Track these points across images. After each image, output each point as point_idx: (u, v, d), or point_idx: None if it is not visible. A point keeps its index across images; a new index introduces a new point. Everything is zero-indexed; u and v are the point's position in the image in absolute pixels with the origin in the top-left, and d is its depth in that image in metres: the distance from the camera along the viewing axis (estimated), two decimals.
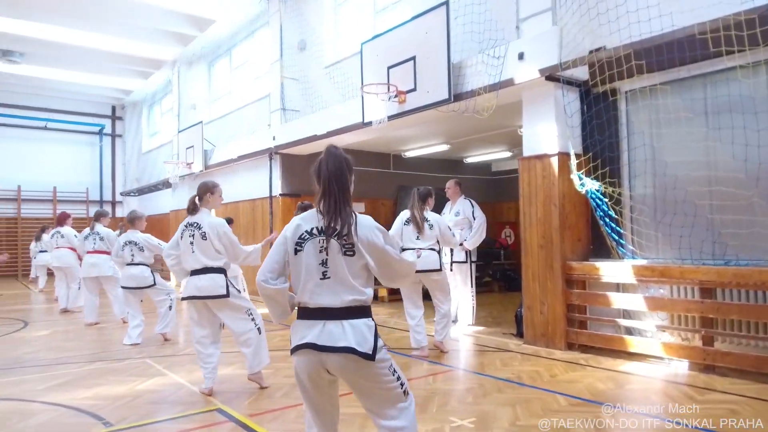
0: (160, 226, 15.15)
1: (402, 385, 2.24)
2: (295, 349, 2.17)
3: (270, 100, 10.49)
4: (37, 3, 11.30)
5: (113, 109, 18.99)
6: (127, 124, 18.84)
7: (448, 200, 7.21)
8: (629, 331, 5.22)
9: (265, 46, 11.09)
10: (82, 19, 12.07)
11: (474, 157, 12.07)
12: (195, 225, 4.34)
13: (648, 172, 5.22)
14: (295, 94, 9.96)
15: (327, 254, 2.15)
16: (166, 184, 14.68)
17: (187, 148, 12.87)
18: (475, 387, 4.32)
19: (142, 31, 12.74)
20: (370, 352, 2.09)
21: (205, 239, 4.29)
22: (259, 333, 4.41)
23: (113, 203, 18.73)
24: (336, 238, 2.15)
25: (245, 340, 4.36)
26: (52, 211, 17.30)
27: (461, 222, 6.92)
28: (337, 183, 2.23)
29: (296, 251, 2.20)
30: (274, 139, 9.94)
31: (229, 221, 5.62)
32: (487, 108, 6.03)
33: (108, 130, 18.85)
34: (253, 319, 4.38)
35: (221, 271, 4.33)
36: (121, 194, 18.57)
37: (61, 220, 9.26)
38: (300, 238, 2.21)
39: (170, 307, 6.59)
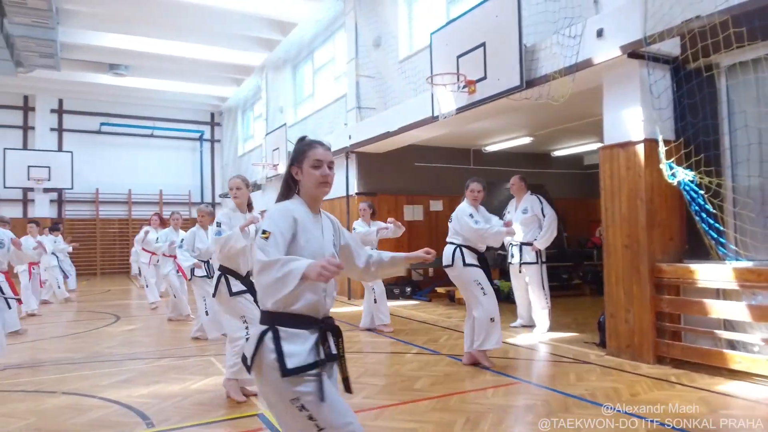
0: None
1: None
2: None
3: (346, 99, 10.45)
4: (139, 18, 12.12)
5: (212, 115, 20.08)
6: (224, 130, 19.84)
7: (512, 197, 6.71)
8: (732, 344, 4.45)
9: (342, 46, 11.09)
10: (178, 30, 12.80)
11: (562, 150, 11.26)
12: None
13: (753, 159, 4.42)
14: (370, 91, 9.82)
15: None
16: (256, 186, 15.21)
17: (273, 150, 13.21)
18: (538, 404, 3.86)
19: (232, 39, 13.27)
20: (248, 364, 1.95)
21: None
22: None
23: (212, 204, 19.80)
24: None
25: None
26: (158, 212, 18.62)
27: (529, 220, 6.39)
28: None
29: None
30: (349, 138, 9.87)
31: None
32: (562, 94, 5.47)
33: (207, 135, 19.96)
34: (246, 327, 4.02)
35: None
36: (220, 196, 19.58)
37: (163, 222, 9.85)
38: None
39: None
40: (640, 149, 4.88)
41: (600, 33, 5.09)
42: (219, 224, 4.10)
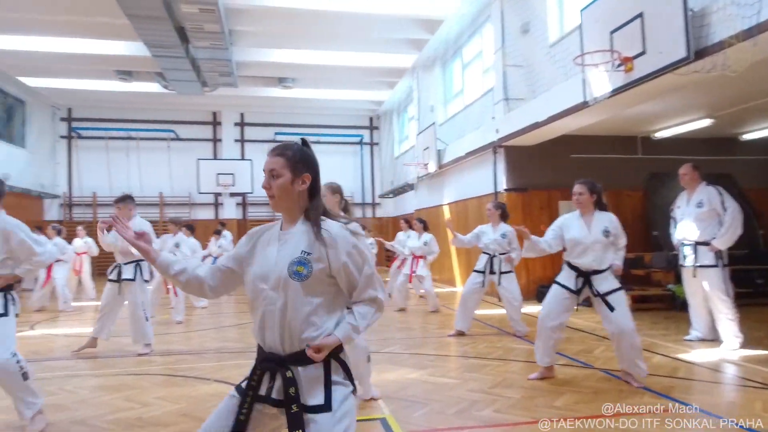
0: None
1: None
2: None
3: (493, 92, 10.01)
4: (300, 33, 12.97)
5: (370, 120, 20.86)
6: (381, 133, 20.49)
7: (683, 189, 5.74)
8: None
9: (490, 38, 10.67)
10: (335, 41, 13.46)
11: (753, 133, 9.52)
12: None
13: None
14: (518, 81, 9.28)
15: None
16: (408, 186, 15.41)
17: (424, 150, 13.24)
18: None
19: (384, 43, 13.57)
20: None
21: None
22: None
23: (373, 205, 20.58)
24: None
25: None
26: None
27: (705, 215, 5.41)
28: None
29: None
30: (497, 131, 9.44)
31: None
32: (741, 63, 4.54)
33: (367, 139, 20.79)
34: None
35: None
36: (379, 197, 20.26)
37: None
38: None
39: None
40: None
41: None
42: None
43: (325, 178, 4.19)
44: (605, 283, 4.35)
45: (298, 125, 19.79)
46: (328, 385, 1.87)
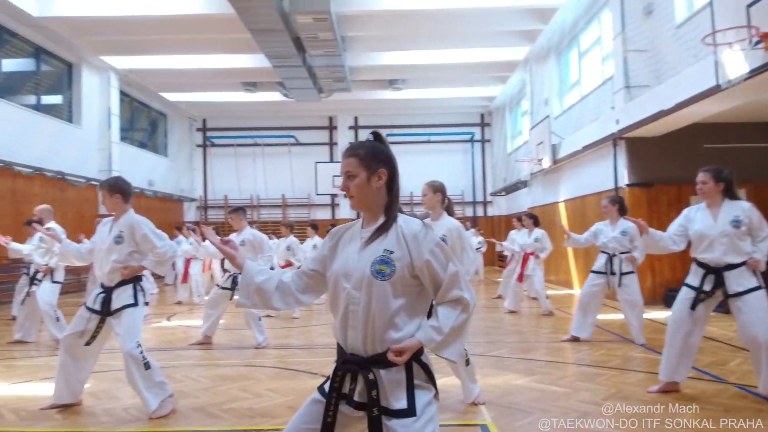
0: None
1: None
2: None
3: (613, 80, 9.34)
4: (410, 35, 13.11)
5: (481, 116, 20.48)
6: (493, 129, 20.03)
7: None
8: None
9: (608, 23, 9.97)
10: (444, 39, 13.41)
11: None
12: None
13: None
14: (640, 67, 8.58)
15: None
16: (523, 183, 14.90)
17: (537, 145, 12.73)
18: None
19: (495, 37, 13.26)
20: None
21: None
22: None
23: (485, 203, 20.19)
24: None
25: None
26: None
27: None
28: None
29: None
30: (617, 122, 8.80)
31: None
32: None
33: (478, 136, 20.44)
34: None
35: None
36: (491, 195, 19.83)
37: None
38: None
39: None
40: None
41: None
42: None
43: (435, 177, 4.22)
44: (740, 280, 3.84)
45: (409, 125, 19.97)
46: (410, 389, 1.81)
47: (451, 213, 4.20)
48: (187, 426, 3.58)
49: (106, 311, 3.79)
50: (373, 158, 1.92)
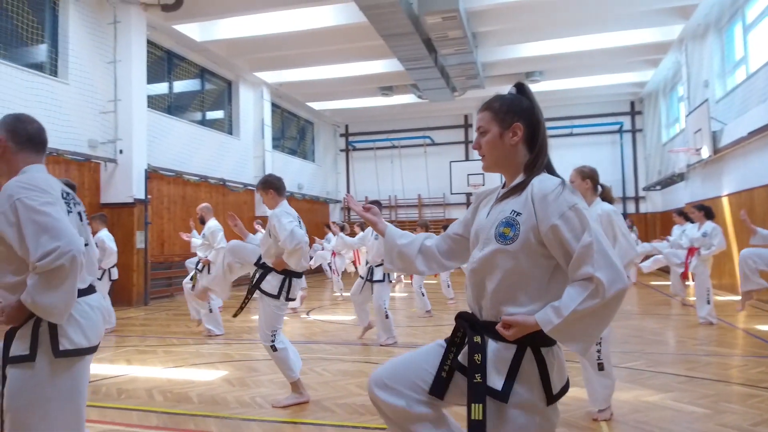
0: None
1: None
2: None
3: None
4: (546, 24, 12.54)
5: (632, 104, 18.83)
6: (645, 118, 18.31)
7: None
8: None
9: None
10: (585, 25, 12.60)
11: None
12: None
13: None
14: None
15: None
16: (679, 176, 13.42)
17: (695, 133, 11.39)
18: None
19: (642, 17, 12.12)
20: None
21: None
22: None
23: (636, 199, 18.55)
24: None
25: None
26: None
27: None
28: None
29: None
30: None
31: None
32: None
33: (627, 126, 18.83)
34: None
35: None
36: (644, 189, 18.16)
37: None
38: None
39: None
40: None
41: None
42: None
43: None
44: None
45: (549, 119, 19.00)
46: (512, 374, 1.58)
47: (609, 201, 3.82)
48: (299, 417, 3.80)
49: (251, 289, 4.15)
50: (508, 111, 1.74)
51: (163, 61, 13.00)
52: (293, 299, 4.26)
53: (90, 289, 2.09)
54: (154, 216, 11.77)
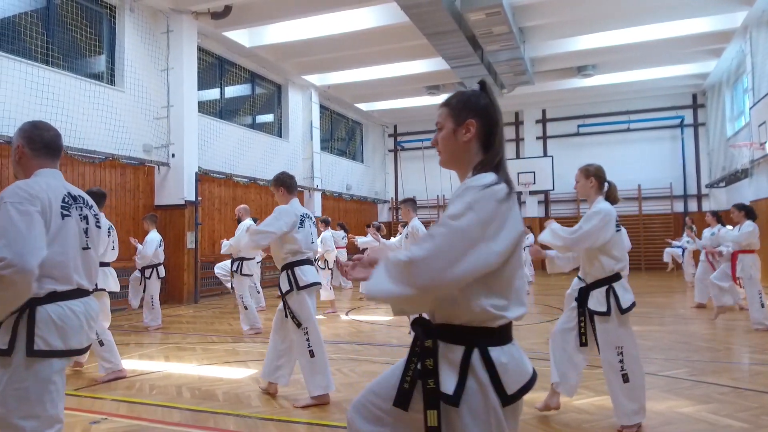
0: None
1: None
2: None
3: None
4: (597, 16, 12.11)
5: (693, 97, 17.83)
6: (708, 111, 17.29)
7: None
8: None
9: None
10: (639, 15, 12.06)
11: None
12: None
13: None
14: None
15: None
16: (744, 172, 12.61)
17: (759, 126, 10.67)
18: None
19: (700, 4, 11.48)
20: None
21: None
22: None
23: (698, 197, 17.55)
24: None
25: None
26: (637, 209, 17.91)
27: None
28: None
29: None
30: None
31: None
32: None
33: (689, 120, 17.86)
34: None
35: None
36: (706, 186, 17.17)
37: None
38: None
39: None
40: None
41: None
42: None
43: (638, 170, 3.76)
44: None
45: (604, 114, 18.42)
46: (462, 377, 1.52)
47: (613, 200, 3.64)
48: (316, 419, 3.83)
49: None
50: (463, 107, 1.70)
51: (215, 67, 13.45)
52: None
53: (76, 293, 2.16)
54: (205, 217, 12.20)
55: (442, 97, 12.29)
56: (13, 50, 8.67)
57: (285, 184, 4.38)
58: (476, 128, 1.68)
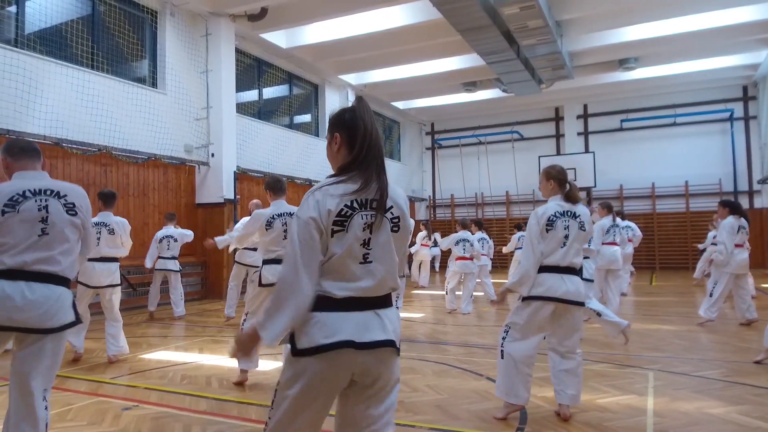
0: None
1: None
2: (324, 349, 1.74)
3: None
4: (638, 7, 11.76)
5: (744, 89, 17.02)
6: (760, 103, 16.47)
7: None
8: None
9: None
10: (684, 4, 11.66)
11: None
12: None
13: None
14: None
15: (371, 232, 1.81)
16: None
17: None
18: None
19: None
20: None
21: None
22: None
23: (750, 193, 16.76)
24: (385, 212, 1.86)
25: None
26: (684, 205, 17.28)
27: None
28: (378, 143, 1.90)
29: (334, 232, 1.78)
30: None
31: None
32: None
33: (739, 113, 17.07)
34: None
35: None
36: (758, 182, 16.39)
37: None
38: (341, 215, 1.78)
39: None
40: None
41: None
42: None
43: (685, 165, 3.69)
44: None
45: (648, 108, 17.85)
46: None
47: (573, 200, 3.71)
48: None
49: None
50: (334, 122, 1.96)
51: (253, 69, 13.75)
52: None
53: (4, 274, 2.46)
54: (243, 214, 12.47)
55: (479, 94, 12.39)
56: (60, 56, 9.12)
57: (269, 186, 4.78)
58: (340, 139, 1.92)
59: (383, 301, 1.86)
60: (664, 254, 17.53)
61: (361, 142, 1.87)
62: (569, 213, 3.66)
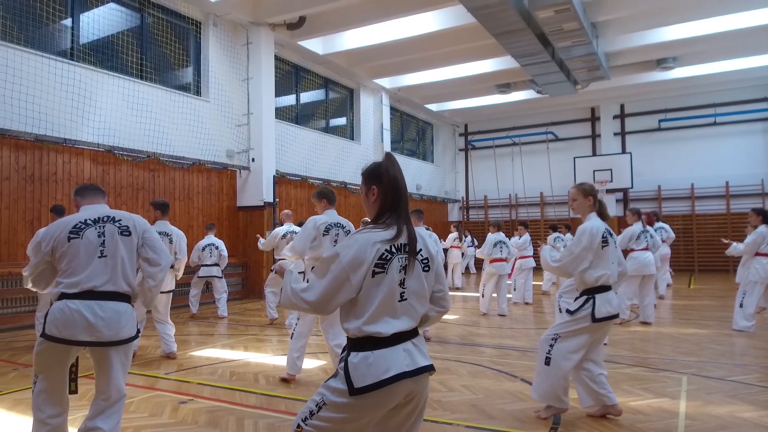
0: None
1: None
2: (385, 383, 1.93)
3: None
4: (674, 6, 11.64)
5: None
6: None
7: None
8: None
9: None
10: (721, 3, 11.49)
11: None
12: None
13: None
14: None
15: (405, 273, 2.04)
16: None
17: None
18: None
19: None
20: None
21: None
22: None
23: None
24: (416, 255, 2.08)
25: None
26: (725, 206, 16.91)
27: None
28: (406, 194, 2.15)
29: (375, 273, 1.98)
30: None
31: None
32: None
33: None
34: None
35: None
36: None
37: (650, 221, 9.27)
38: (382, 258, 2.00)
39: None
40: None
41: None
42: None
43: (726, 166, 3.76)
44: None
45: (687, 108, 17.53)
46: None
47: (604, 217, 3.90)
48: None
49: None
50: (368, 176, 2.18)
51: (291, 75, 14.13)
52: None
53: (79, 295, 2.82)
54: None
55: (513, 95, 12.50)
56: (112, 67, 9.64)
57: (321, 195, 4.88)
58: (376, 193, 2.14)
59: (415, 332, 2.10)
60: (704, 257, 17.19)
61: (393, 194, 2.11)
62: (610, 232, 3.85)
